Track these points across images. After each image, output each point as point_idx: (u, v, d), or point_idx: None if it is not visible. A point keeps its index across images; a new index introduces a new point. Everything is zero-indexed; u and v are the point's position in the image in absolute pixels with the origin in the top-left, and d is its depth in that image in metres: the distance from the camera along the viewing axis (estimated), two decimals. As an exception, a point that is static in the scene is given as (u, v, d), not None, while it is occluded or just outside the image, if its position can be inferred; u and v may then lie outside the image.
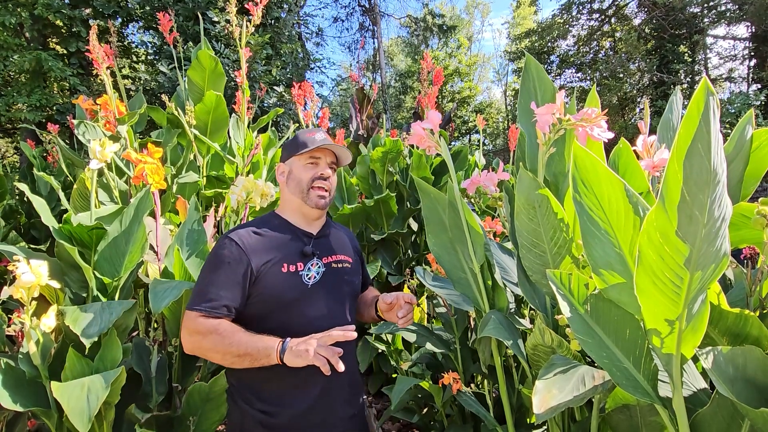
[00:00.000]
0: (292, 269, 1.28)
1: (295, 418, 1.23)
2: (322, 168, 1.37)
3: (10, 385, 1.30)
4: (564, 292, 0.99)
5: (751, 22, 13.10)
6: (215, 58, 2.82)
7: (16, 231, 3.56)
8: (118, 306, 1.45)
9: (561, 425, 1.34)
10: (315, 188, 1.35)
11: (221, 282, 1.22)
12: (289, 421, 1.23)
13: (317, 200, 1.35)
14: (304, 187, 1.35)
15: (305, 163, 1.37)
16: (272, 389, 1.25)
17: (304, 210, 1.38)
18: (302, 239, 1.35)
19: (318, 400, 1.26)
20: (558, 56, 18.53)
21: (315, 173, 1.35)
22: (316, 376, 1.20)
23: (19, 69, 7.75)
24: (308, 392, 1.25)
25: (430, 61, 3.59)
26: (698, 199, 0.69)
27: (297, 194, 1.37)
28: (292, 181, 1.38)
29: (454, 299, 1.64)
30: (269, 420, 1.22)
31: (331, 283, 1.34)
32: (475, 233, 1.39)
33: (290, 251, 1.31)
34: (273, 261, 1.27)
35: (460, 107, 23.93)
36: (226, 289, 1.22)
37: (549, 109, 1.12)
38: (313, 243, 1.36)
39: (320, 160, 1.38)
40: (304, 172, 1.36)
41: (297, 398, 1.24)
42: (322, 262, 1.35)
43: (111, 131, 2.24)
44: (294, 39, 10.69)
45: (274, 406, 1.23)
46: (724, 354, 0.86)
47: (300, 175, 1.36)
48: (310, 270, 1.31)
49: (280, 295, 1.25)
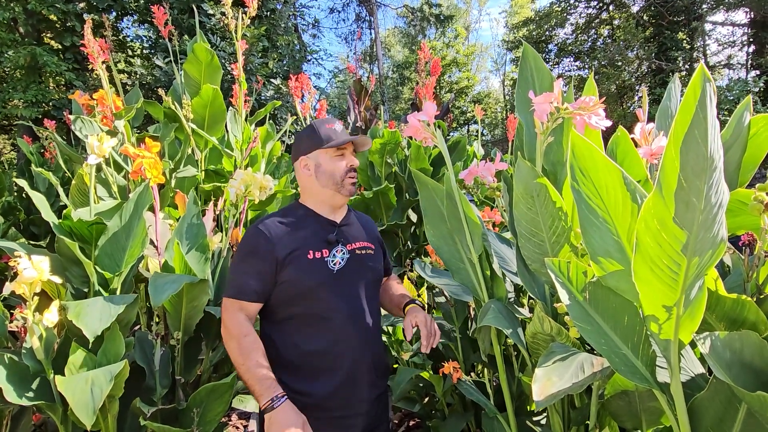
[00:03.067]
0: (317, 256, 1.33)
1: (323, 398, 1.29)
2: (351, 159, 1.41)
3: (15, 380, 1.31)
4: (563, 280, 1.00)
5: (749, 8, 13.00)
6: (211, 51, 2.80)
7: (15, 227, 3.56)
8: (119, 300, 1.45)
9: (561, 412, 1.35)
10: (349, 177, 1.40)
11: (250, 270, 1.31)
12: (317, 402, 1.28)
13: (351, 188, 1.41)
14: (338, 178, 1.39)
15: (333, 156, 1.40)
16: (305, 371, 1.31)
17: (335, 199, 1.42)
18: (327, 227, 1.40)
19: (345, 382, 1.31)
20: (556, 45, 18.39)
21: (347, 164, 1.40)
22: (343, 359, 1.31)
23: (14, 65, 7.70)
24: (335, 374, 1.31)
25: (427, 52, 3.57)
26: (695, 186, 0.69)
27: (330, 186, 1.40)
28: (322, 174, 1.40)
29: (454, 290, 1.65)
30: (300, 399, 1.27)
31: (355, 269, 1.39)
32: (472, 223, 1.39)
33: (316, 239, 1.36)
34: (299, 249, 1.32)
35: (458, 98, 23.80)
36: (254, 277, 1.30)
37: (546, 98, 1.11)
38: (338, 231, 1.41)
39: (346, 150, 1.42)
40: (334, 163, 1.39)
41: (327, 379, 1.30)
42: (346, 248, 1.39)
43: (108, 126, 2.23)
44: (290, 31, 10.63)
45: (304, 386, 1.29)
46: (722, 339, 0.87)
47: (331, 167, 1.39)
48: (335, 256, 1.36)
49: (306, 280, 1.31)
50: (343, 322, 1.32)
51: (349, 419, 1.33)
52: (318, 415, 1.27)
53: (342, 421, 1.32)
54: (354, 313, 1.35)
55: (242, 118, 2.86)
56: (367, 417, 1.36)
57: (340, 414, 1.31)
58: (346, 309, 1.33)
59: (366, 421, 1.35)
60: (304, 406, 1.26)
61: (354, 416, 1.33)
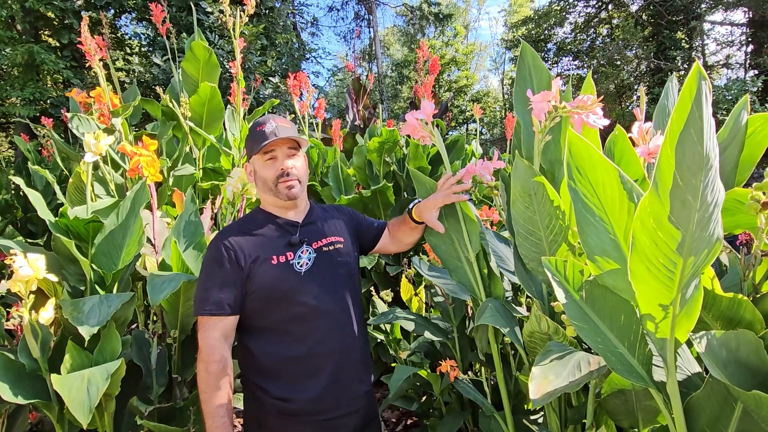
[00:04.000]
0: (282, 260, 1.29)
1: (310, 402, 1.26)
2: (281, 162, 1.33)
3: (11, 378, 1.31)
4: (560, 279, 0.99)
5: (748, 8, 13.01)
6: (209, 49, 2.80)
7: (12, 225, 3.56)
8: (116, 299, 1.45)
9: (557, 410, 1.35)
10: (281, 183, 1.33)
11: (218, 284, 1.26)
12: (304, 407, 1.26)
13: (287, 192, 1.33)
14: (270, 185, 1.34)
15: (264, 162, 1.34)
16: (286, 377, 1.28)
17: (279, 203, 1.38)
18: (288, 229, 1.36)
19: (331, 382, 1.29)
20: (555, 44, 18.37)
21: (276, 171, 1.33)
22: (325, 361, 1.29)
23: (12, 62, 7.66)
24: (319, 377, 1.28)
25: (426, 50, 3.57)
26: (691, 184, 0.69)
27: (267, 192, 1.36)
28: (259, 181, 1.37)
29: (451, 288, 1.65)
30: (286, 407, 1.25)
31: (325, 267, 1.35)
32: (470, 222, 1.39)
33: (278, 243, 1.32)
34: (262, 256, 1.28)
35: (457, 96, 23.78)
36: (223, 290, 1.25)
37: (544, 97, 1.11)
38: (300, 231, 1.37)
39: (277, 153, 1.33)
40: (265, 170, 1.34)
41: (311, 383, 1.27)
42: (312, 248, 1.35)
43: (105, 124, 2.23)
44: (289, 29, 10.61)
45: (289, 392, 1.26)
46: (718, 338, 0.87)
47: (263, 174, 1.34)
48: (300, 258, 1.32)
49: (273, 287, 1.27)
50: (320, 323, 1.29)
51: (340, 419, 1.30)
52: (304, 420, 1.26)
53: (331, 423, 1.29)
54: (331, 312, 1.32)
55: (240, 117, 2.86)
56: (359, 414, 1.34)
57: (329, 416, 1.28)
58: (322, 309, 1.30)
59: (357, 418, 1.33)
60: (288, 413, 1.25)
61: (345, 416, 1.31)
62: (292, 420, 1.25)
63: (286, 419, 1.26)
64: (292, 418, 1.25)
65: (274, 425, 1.27)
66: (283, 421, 1.26)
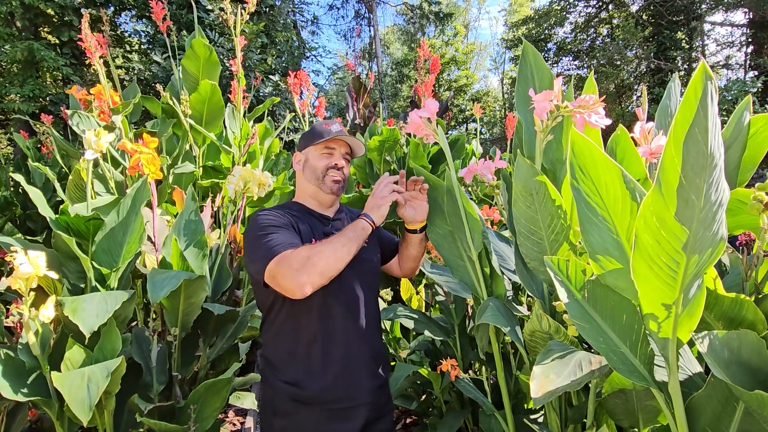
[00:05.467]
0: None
1: (322, 390, 1.29)
2: (337, 158, 1.44)
3: (11, 376, 1.31)
4: (561, 278, 0.99)
5: (748, 8, 13.01)
6: (210, 47, 2.79)
7: (12, 223, 3.55)
8: (116, 296, 1.45)
9: (558, 410, 1.35)
10: (329, 175, 1.42)
11: (281, 231, 1.28)
12: (316, 394, 1.29)
13: (332, 185, 1.42)
14: (319, 174, 1.42)
15: (320, 153, 1.43)
16: (298, 363, 1.31)
17: (319, 196, 1.45)
18: (322, 221, 1.44)
19: (342, 372, 1.31)
20: (555, 44, 18.37)
21: (329, 162, 1.42)
22: (339, 349, 1.32)
23: (11, 59, 7.65)
24: (331, 366, 1.31)
25: (426, 49, 3.56)
26: (695, 184, 0.69)
27: (312, 181, 1.43)
28: (308, 169, 1.44)
29: (453, 286, 1.65)
30: (299, 393, 1.28)
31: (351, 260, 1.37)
32: (473, 221, 1.39)
33: (315, 229, 1.39)
34: (305, 234, 1.34)
35: (457, 96, 23.76)
36: (287, 235, 1.27)
37: (546, 96, 1.11)
38: (331, 224, 1.44)
39: (335, 150, 1.44)
40: (319, 160, 1.43)
41: (322, 371, 1.30)
42: None
43: (105, 121, 2.22)
44: (289, 27, 10.60)
45: (300, 379, 1.30)
46: (720, 338, 0.87)
47: (315, 163, 1.43)
48: None
49: None
50: (338, 313, 1.33)
51: (351, 410, 1.32)
52: (315, 409, 1.29)
53: (342, 413, 1.31)
54: (349, 305, 1.36)
55: (240, 115, 2.85)
56: (370, 407, 1.35)
57: (340, 406, 1.31)
58: (342, 301, 1.34)
59: (368, 411, 1.35)
60: (300, 399, 1.28)
61: (356, 407, 1.33)
62: (304, 408, 1.29)
63: (298, 406, 1.29)
64: (303, 406, 1.28)
65: (288, 411, 1.30)
66: (296, 407, 1.29)
